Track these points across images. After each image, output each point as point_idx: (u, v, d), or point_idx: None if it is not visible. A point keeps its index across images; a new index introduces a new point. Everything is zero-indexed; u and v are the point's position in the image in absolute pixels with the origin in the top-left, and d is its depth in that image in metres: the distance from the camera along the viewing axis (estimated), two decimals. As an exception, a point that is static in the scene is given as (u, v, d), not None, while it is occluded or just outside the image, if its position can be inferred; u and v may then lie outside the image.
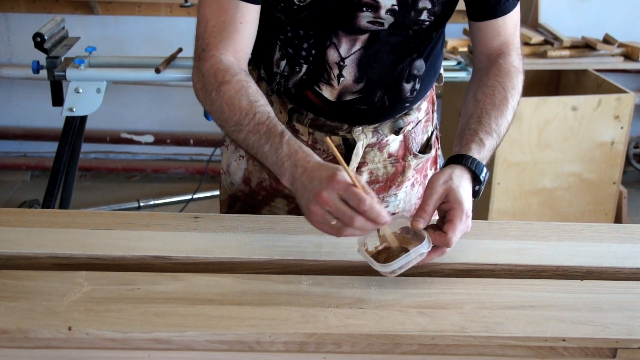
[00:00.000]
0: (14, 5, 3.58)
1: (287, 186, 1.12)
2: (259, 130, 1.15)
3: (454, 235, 1.08)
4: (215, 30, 1.24)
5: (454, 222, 1.08)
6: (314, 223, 1.07)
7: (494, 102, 1.26)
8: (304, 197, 1.07)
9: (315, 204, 1.04)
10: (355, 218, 1.02)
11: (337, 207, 1.03)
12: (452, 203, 1.10)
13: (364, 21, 1.25)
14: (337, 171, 1.04)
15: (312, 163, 1.08)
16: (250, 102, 1.18)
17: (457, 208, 1.09)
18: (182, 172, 3.83)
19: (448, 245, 1.09)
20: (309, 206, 1.05)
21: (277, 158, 1.12)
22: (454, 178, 1.13)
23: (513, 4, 1.33)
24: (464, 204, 1.10)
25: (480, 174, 1.16)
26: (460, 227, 1.09)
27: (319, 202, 1.04)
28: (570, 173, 3.01)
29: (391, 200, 1.47)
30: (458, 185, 1.12)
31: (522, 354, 1.01)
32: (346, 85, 1.32)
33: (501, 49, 1.35)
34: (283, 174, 1.11)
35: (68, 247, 1.15)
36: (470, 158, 1.17)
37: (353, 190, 1.02)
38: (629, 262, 1.19)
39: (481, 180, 1.17)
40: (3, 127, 3.79)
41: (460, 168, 1.15)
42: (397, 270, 1.07)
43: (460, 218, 1.09)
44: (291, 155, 1.11)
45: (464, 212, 1.09)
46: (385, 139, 1.41)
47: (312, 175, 1.06)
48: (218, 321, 0.99)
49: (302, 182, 1.08)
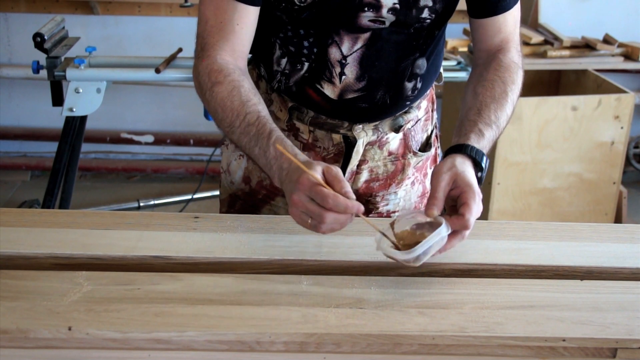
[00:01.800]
0: (14, 5, 3.58)
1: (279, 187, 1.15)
2: (249, 132, 1.18)
3: (472, 216, 1.08)
4: (214, 30, 1.25)
5: (468, 204, 1.08)
6: (298, 222, 1.10)
7: (494, 95, 1.27)
8: (287, 199, 1.12)
9: (291, 207, 1.09)
10: (325, 214, 1.05)
11: (307, 207, 1.07)
12: (463, 187, 1.10)
13: (365, 20, 1.25)
14: (303, 173, 1.07)
15: (293, 164, 1.11)
16: (241, 102, 1.20)
17: (468, 190, 1.09)
18: (182, 172, 3.83)
19: (466, 226, 1.08)
20: (289, 209, 1.10)
21: (266, 160, 1.16)
22: (457, 165, 1.13)
23: (513, 1, 1.33)
24: (474, 186, 1.10)
25: (481, 161, 1.17)
26: (475, 208, 1.09)
27: (293, 204, 1.08)
28: (570, 173, 3.01)
29: (391, 198, 1.47)
30: (463, 169, 1.12)
31: (522, 354, 1.01)
32: (348, 84, 1.32)
33: (501, 46, 1.35)
34: (273, 176, 1.16)
35: (68, 247, 1.15)
36: (469, 146, 1.17)
37: (317, 189, 1.05)
38: (629, 262, 1.19)
39: (482, 168, 1.17)
40: (3, 127, 3.79)
41: (461, 156, 1.15)
42: (421, 256, 1.05)
43: (473, 199, 1.09)
44: (277, 158, 1.14)
45: (476, 193, 1.10)
46: (386, 137, 1.41)
47: (289, 178, 1.11)
48: (218, 321, 0.99)
49: (286, 184, 1.12)
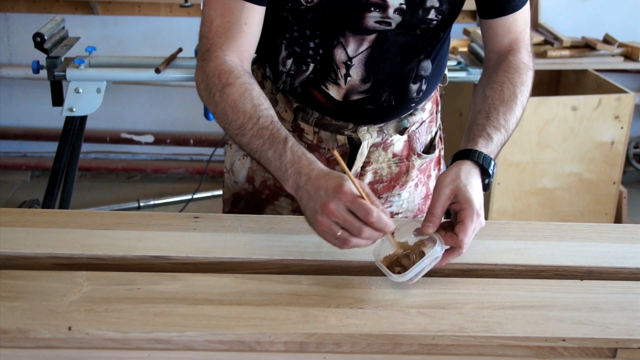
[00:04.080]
0: (14, 5, 3.58)
1: (290, 192, 1.12)
2: (263, 135, 1.15)
3: (466, 236, 1.08)
4: (220, 30, 1.24)
5: (464, 223, 1.08)
6: (319, 233, 1.06)
7: (503, 98, 1.26)
8: (308, 206, 1.07)
9: (321, 215, 1.04)
10: (364, 229, 1.02)
11: (345, 218, 1.03)
12: (462, 203, 1.09)
13: (371, 21, 1.25)
14: (344, 181, 1.04)
15: (317, 171, 1.08)
16: (254, 105, 1.17)
17: (467, 208, 1.09)
18: (182, 172, 3.82)
19: (460, 247, 1.08)
20: (316, 216, 1.05)
21: (281, 164, 1.12)
22: (462, 176, 1.12)
23: (523, 1, 1.33)
24: (473, 203, 1.09)
25: (489, 167, 1.16)
26: (472, 227, 1.08)
27: (326, 213, 1.03)
28: (570, 173, 3.01)
29: (395, 200, 1.47)
30: (466, 183, 1.11)
31: (522, 354, 1.01)
32: (353, 85, 1.32)
33: (511, 46, 1.34)
34: (287, 180, 1.11)
35: (68, 247, 1.15)
36: (477, 152, 1.16)
37: (360, 201, 1.02)
38: (629, 262, 1.19)
39: (490, 174, 1.16)
40: (3, 127, 3.79)
41: (468, 163, 1.15)
42: (413, 278, 1.07)
43: (471, 218, 1.08)
44: (294, 162, 1.10)
45: (474, 212, 1.09)
46: (390, 139, 1.41)
47: (317, 185, 1.06)
48: (218, 321, 0.99)
49: (307, 190, 1.07)
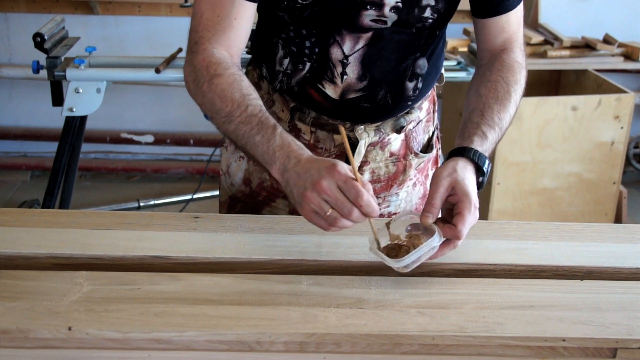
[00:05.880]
0: (14, 5, 3.58)
1: (275, 176, 1.12)
2: (251, 122, 1.16)
3: (464, 227, 1.08)
4: (210, 24, 1.24)
5: (463, 214, 1.09)
6: (306, 211, 1.06)
7: (497, 96, 1.27)
8: (297, 185, 1.07)
9: (312, 191, 1.04)
10: (354, 209, 1.03)
11: (337, 197, 1.03)
12: (460, 195, 1.10)
13: (367, 19, 1.25)
14: (338, 162, 1.05)
15: (307, 155, 1.10)
16: (242, 94, 1.18)
17: (464, 200, 1.10)
18: (182, 172, 3.83)
19: (459, 237, 1.09)
20: (305, 193, 1.05)
21: (269, 148, 1.12)
22: (458, 170, 1.13)
23: (517, 0, 1.33)
24: (471, 196, 1.10)
25: (483, 166, 1.17)
26: (469, 219, 1.09)
27: (317, 190, 1.04)
28: (570, 173, 3.01)
29: (392, 199, 1.47)
30: (463, 177, 1.12)
31: (522, 354, 1.01)
32: (349, 83, 1.32)
33: (505, 46, 1.35)
34: (274, 163, 1.12)
35: (68, 247, 1.15)
36: (472, 150, 1.17)
37: (353, 182, 1.03)
38: (629, 262, 1.18)
39: (484, 172, 1.17)
40: (3, 127, 3.79)
41: (463, 160, 1.15)
42: (410, 265, 1.07)
43: (468, 210, 1.09)
44: (284, 147, 1.12)
45: (472, 204, 1.10)
46: (387, 138, 1.41)
47: (307, 166, 1.07)
48: (218, 321, 0.99)
49: (296, 171, 1.08)
